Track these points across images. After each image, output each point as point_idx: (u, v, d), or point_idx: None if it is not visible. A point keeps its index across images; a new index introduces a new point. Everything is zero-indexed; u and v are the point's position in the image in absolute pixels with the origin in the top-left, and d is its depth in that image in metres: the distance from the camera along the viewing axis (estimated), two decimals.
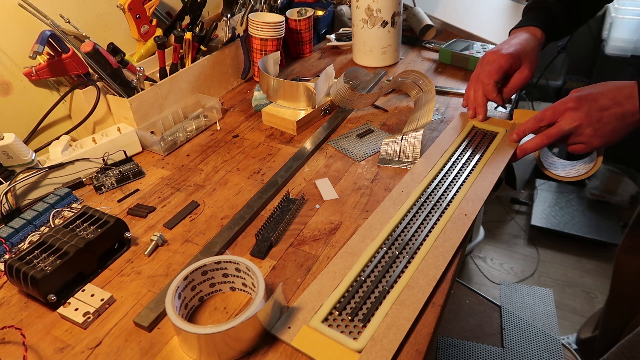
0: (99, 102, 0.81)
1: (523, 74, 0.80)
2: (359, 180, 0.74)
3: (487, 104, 0.83)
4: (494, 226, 1.92)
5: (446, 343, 1.10)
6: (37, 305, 0.56)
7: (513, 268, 1.74)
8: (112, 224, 0.60)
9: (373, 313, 0.51)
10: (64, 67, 0.78)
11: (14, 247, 0.63)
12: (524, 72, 0.80)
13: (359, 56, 1.12)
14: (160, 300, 0.54)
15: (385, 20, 1.03)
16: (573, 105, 0.67)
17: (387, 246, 0.60)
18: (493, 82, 0.79)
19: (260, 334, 0.49)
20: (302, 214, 0.68)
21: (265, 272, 0.59)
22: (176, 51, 0.93)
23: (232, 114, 0.96)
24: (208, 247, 0.62)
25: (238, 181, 0.76)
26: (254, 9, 1.05)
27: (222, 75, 1.02)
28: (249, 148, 0.84)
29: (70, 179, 0.76)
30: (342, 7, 1.29)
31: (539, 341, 1.14)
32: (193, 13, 0.97)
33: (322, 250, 0.62)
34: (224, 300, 0.56)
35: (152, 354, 0.50)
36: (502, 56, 0.78)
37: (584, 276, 1.69)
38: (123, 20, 0.91)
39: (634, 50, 1.67)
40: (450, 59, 1.07)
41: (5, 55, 0.77)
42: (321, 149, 0.83)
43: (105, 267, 0.61)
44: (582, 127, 0.67)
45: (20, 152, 0.71)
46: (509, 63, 0.78)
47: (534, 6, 0.87)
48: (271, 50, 0.99)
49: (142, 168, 0.79)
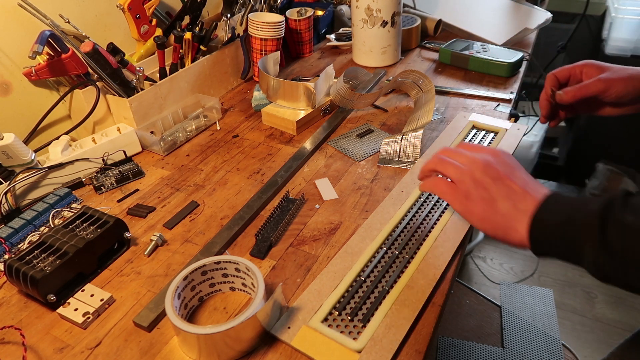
0: (99, 102, 0.81)
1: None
2: (359, 180, 0.74)
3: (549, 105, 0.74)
4: None
5: (446, 343, 1.10)
6: (37, 306, 0.56)
7: (513, 268, 1.74)
8: (112, 224, 0.60)
9: (373, 313, 0.51)
10: (64, 67, 0.78)
11: (13, 247, 0.63)
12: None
13: (359, 56, 1.12)
14: (159, 301, 0.54)
15: (385, 20, 1.03)
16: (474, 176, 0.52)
17: (387, 246, 0.60)
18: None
19: (260, 334, 0.49)
20: (302, 214, 0.68)
21: (265, 272, 0.59)
22: (176, 51, 0.93)
23: (232, 114, 0.96)
24: (208, 247, 0.62)
25: (238, 181, 0.76)
26: (254, 9, 1.05)
27: (222, 75, 1.02)
28: (249, 148, 0.84)
29: (70, 179, 0.76)
30: (342, 7, 1.29)
31: (539, 341, 1.14)
32: (193, 13, 0.97)
33: (322, 250, 0.62)
34: (223, 301, 0.56)
35: (152, 354, 0.50)
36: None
37: (584, 276, 1.69)
38: (123, 20, 0.91)
39: (634, 50, 1.67)
40: (450, 59, 1.07)
41: (5, 55, 0.77)
42: (321, 149, 0.83)
43: (105, 267, 0.61)
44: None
45: (20, 152, 0.71)
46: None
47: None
48: (271, 50, 0.99)
49: (142, 168, 0.79)
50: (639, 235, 0.41)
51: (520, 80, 1.00)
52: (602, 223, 0.43)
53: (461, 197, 0.52)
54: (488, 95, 0.94)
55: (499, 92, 0.95)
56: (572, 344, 1.24)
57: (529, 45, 1.17)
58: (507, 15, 1.25)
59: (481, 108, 0.91)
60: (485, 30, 1.18)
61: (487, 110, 0.90)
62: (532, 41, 1.19)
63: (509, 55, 1.02)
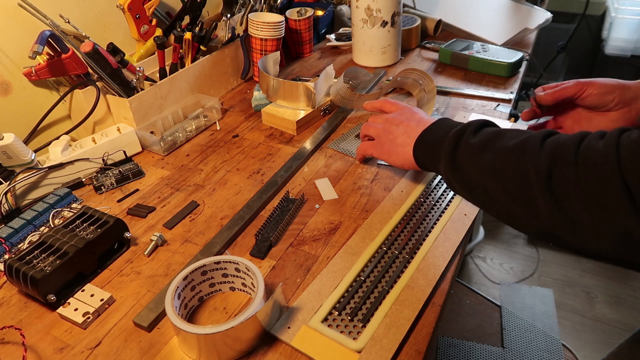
0: (99, 102, 0.81)
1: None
2: (359, 180, 0.74)
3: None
4: (493, 226, 1.92)
5: (446, 343, 1.10)
6: (37, 306, 0.56)
7: (513, 268, 1.74)
8: (112, 224, 0.60)
9: (373, 313, 0.51)
10: (64, 67, 0.78)
11: (13, 247, 0.63)
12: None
13: (359, 56, 1.12)
14: (159, 301, 0.54)
15: (385, 20, 1.03)
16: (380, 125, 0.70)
17: (387, 246, 0.60)
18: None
19: (260, 334, 0.49)
20: (302, 214, 0.68)
21: (265, 272, 0.59)
22: (176, 51, 0.93)
23: (231, 114, 0.96)
24: (208, 247, 0.62)
25: (238, 181, 0.76)
26: (254, 9, 1.05)
27: (222, 75, 1.02)
28: (249, 148, 0.84)
29: (70, 179, 0.76)
30: (341, 7, 1.29)
31: (539, 341, 1.14)
32: (193, 13, 0.97)
33: (322, 250, 0.62)
34: (223, 301, 0.56)
35: (152, 354, 0.50)
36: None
37: (584, 276, 1.69)
38: (123, 20, 0.91)
39: (634, 50, 1.67)
40: (450, 59, 1.07)
41: (5, 55, 0.77)
42: (321, 149, 0.83)
43: (105, 267, 0.61)
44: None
45: (20, 152, 0.71)
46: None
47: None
48: (271, 50, 0.99)
49: (142, 168, 0.79)
50: (476, 153, 0.51)
51: (520, 80, 1.00)
52: (456, 141, 0.54)
53: (379, 148, 0.69)
54: (488, 95, 0.94)
55: (499, 92, 0.95)
56: (572, 344, 1.24)
57: (529, 45, 1.17)
58: (507, 15, 1.25)
59: (481, 108, 0.91)
60: (485, 30, 1.18)
61: (487, 110, 0.90)
62: (532, 41, 1.19)
63: (508, 55, 1.02)
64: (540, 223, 0.44)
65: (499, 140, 0.50)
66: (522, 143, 0.47)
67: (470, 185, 0.52)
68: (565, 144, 0.44)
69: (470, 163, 0.52)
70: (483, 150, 0.50)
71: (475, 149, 0.51)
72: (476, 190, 0.52)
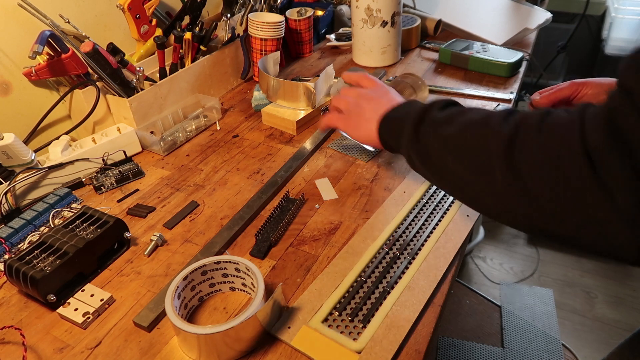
0: (99, 102, 0.81)
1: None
2: (359, 180, 0.74)
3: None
4: (494, 226, 1.92)
5: (446, 343, 1.10)
6: (37, 306, 0.56)
7: (513, 268, 1.74)
8: (112, 224, 0.60)
9: (373, 314, 0.51)
10: (64, 67, 0.78)
11: (13, 247, 0.63)
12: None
13: (359, 56, 1.11)
14: (159, 301, 0.54)
15: (385, 20, 1.03)
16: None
17: (389, 247, 0.60)
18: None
19: (260, 334, 0.49)
20: (302, 214, 0.68)
21: (265, 272, 0.59)
22: (176, 51, 0.92)
23: (231, 114, 0.96)
24: (208, 247, 0.62)
25: (238, 181, 0.76)
26: (254, 9, 1.05)
27: (222, 75, 1.02)
28: (249, 148, 0.84)
29: (70, 179, 0.76)
30: (341, 7, 1.29)
31: (539, 341, 1.14)
32: (193, 13, 0.97)
33: (322, 250, 0.62)
34: (223, 300, 0.56)
35: (152, 354, 0.50)
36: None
37: (584, 276, 1.69)
38: (123, 20, 0.91)
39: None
40: (450, 59, 1.07)
41: (5, 55, 0.77)
42: (321, 149, 0.83)
43: (105, 267, 0.61)
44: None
45: (20, 152, 0.71)
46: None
47: None
48: (271, 50, 0.99)
49: (142, 168, 0.79)
50: (438, 126, 0.51)
51: (520, 80, 1.00)
52: (421, 115, 0.54)
53: (346, 121, 0.69)
54: (488, 96, 0.94)
55: (499, 92, 0.95)
56: (572, 344, 1.24)
57: (529, 45, 1.17)
58: (507, 15, 1.25)
59: None
60: (485, 30, 1.18)
61: None
62: (532, 41, 1.19)
63: (508, 55, 1.02)
64: (497, 199, 0.43)
65: (465, 115, 0.49)
66: (487, 117, 0.46)
67: (430, 161, 0.51)
68: (531, 115, 0.43)
69: (431, 135, 0.51)
70: (446, 123, 0.50)
71: (439, 122, 0.51)
72: (436, 165, 0.51)
